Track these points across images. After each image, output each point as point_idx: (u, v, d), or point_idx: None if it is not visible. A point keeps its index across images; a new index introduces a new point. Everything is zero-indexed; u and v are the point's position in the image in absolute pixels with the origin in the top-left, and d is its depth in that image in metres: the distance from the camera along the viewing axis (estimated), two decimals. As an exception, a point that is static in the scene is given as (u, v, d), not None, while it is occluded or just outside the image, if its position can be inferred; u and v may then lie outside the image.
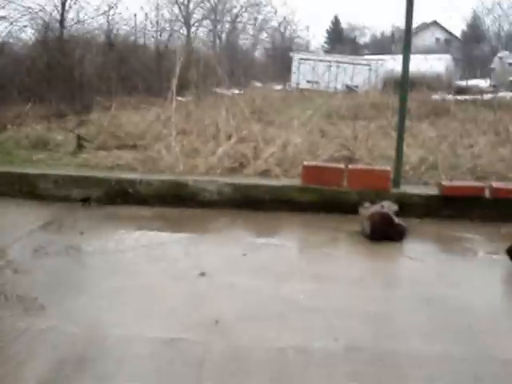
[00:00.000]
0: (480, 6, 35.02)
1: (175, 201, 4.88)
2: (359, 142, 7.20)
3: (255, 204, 4.85)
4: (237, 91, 17.94)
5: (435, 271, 3.59)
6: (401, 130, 5.04)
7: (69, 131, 8.20)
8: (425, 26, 33.41)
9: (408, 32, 5.06)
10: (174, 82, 8.88)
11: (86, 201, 4.92)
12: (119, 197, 4.94)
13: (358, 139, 7.37)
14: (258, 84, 22.83)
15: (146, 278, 3.23)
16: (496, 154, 6.55)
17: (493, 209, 4.71)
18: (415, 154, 6.42)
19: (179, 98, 20.05)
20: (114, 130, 8.38)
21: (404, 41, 5.12)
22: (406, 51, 4.97)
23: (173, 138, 7.35)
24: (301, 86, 23.95)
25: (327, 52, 35.01)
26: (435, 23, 29.85)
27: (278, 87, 23.01)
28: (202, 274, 3.27)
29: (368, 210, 4.32)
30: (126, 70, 16.49)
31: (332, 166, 5.01)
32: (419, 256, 3.79)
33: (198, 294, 3.03)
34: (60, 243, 3.76)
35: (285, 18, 33.66)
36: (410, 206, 4.69)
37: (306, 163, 5.02)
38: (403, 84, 5.10)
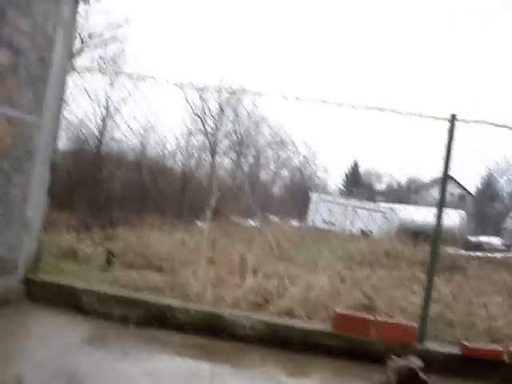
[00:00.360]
0: (495, 165, 36.60)
1: (210, 331, 5.14)
2: (377, 292, 7.48)
3: (285, 343, 5.09)
4: (253, 223, 18.57)
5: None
6: (428, 291, 5.34)
7: (98, 245, 8.61)
8: (439, 181, 34.85)
9: (443, 191, 5.50)
10: (209, 214, 9.48)
11: (125, 320, 5.19)
12: (157, 320, 5.21)
13: (376, 288, 7.66)
14: (275, 218, 23.57)
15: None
16: (510, 317, 6.78)
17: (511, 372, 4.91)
18: (431, 309, 6.67)
19: (199, 224, 20.71)
20: (142, 250, 8.82)
21: (439, 203, 5.49)
22: (440, 209, 5.39)
23: (201, 266, 7.75)
24: (317, 225, 24.69)
25: (343, 194, 36.30)
26: (450, 178, 31.23)
27: (294, 223, 23.67)
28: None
29: (395, 362, 4.55)
30: (153, 190, 17.32)
31: (361, 317, 5.29)
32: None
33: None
34: (108, 361, 4.00)
35: (305, 157, 35.32)
36: (433, 363, 4.88)
37: (337, 311, 5.31)
38: (435, 239, 5.44)
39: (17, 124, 4.89)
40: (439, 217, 5.36)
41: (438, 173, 5.96)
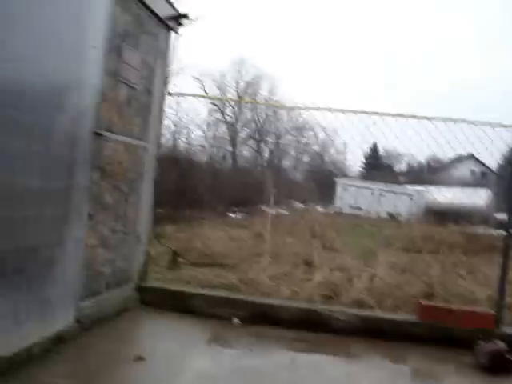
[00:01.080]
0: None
1: (308, 325, 5.73)
2: (432, 279, 7.87)
3: (377, 333, 5.67)
4: (281, 211, 19.04)
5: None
6: (503, 278, 5.87)
7: (160, 245, 9.05)
8: (461, 159, 35.13)
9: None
10: (270, 209, 10.04)
11: (230, 320, 5.80)
12: (260, 318, 5.81)
13: (431, 276, 8.04)
14: (300, 205, 24.04)
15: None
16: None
17: None
18: (482, 292, 7.07)
19: (231, 215, 21.21)
20: (202, 248, 9.37)
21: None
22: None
23: (266, 261, 8.34)
24: (344, 211, 25.23)
25: (364, 177, 36.72)
26: (472, 156, 31.47)
27: (321, 209, 24.05)
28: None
29: (483, 346, 5.13)
30: (190, 185, 17.71)
31: (444, 306, 5.87)
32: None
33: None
34: (241, 357, 4.61)
35: (324, 142, 35.73)
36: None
37: (422, 302, 5.89)
38: (509, 230, 5.90)
39: (131, 149, 5.49)
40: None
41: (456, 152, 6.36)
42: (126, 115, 5.28)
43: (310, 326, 5.74)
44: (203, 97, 22.03)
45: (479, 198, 24.98)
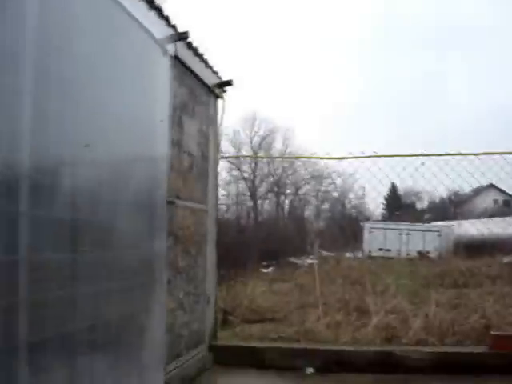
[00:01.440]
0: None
1: (384, 368, 5.81)
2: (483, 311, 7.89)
3: (451, 367, 5.73)
4: (310, 260, 19.08)
5: None
6: None
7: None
8: (481, 190, 35.13)
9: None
10: (315, 258, 10.18)
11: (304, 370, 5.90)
12: (334, 365, 5.90)
13: (480, 308, 8.06)
14: (326, 252, 24.01)
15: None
16: None
17: None
18: None
19: (263, 270, 21.30)
20: (249, 304, 9.47)
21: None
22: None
23: (319, 311, 8.42)
24: (372, 254, 25.16)
25: (388, 219, 36.68)
26: (492, 186, 31.53)
27: (348, 255, 23.94)
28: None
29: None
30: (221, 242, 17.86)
31: (513, 335, 5.95)
32: None
33: None
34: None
35: (343, 188, 35.98)
36: None
37: (494, 333, 5.97)
38: None
39: (196, 213, 5.76)
40: None
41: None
42: (189, 181, 5.58)
43: (386, 368, 5.81)
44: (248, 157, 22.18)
45: (509, 225, 24.80)
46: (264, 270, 19.68)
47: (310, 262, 19.35)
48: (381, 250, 26.59)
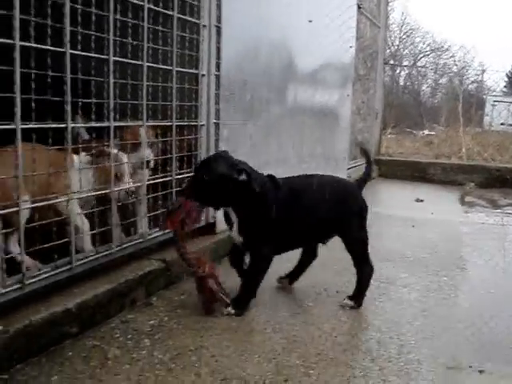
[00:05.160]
0: None
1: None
2: None
3: None
4: (426, 132, 18.67)
5: None
6: None
7: None
8: None
9: None
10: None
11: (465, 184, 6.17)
12: (498, 182, 6.12)
13: None
14: (442, 128, 23.28)
15: None
16: None
17: None
18: None
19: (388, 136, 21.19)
20: None
21: None
22: None
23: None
24: (494, 129, 24.11)
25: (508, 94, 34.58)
26: None
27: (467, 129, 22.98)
28: None
29: None
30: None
31: None
32: None
33: None
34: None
35: (464, 62, 33.98)
36: None
37: None
38: None
39: (371, 28, 5.91)
40: None
41: None
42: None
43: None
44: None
45: None
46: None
47: (427, 133, 19.10)
48: (503, 124, 25.43)
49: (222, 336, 1.92)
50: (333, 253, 2.41)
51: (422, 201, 4.99)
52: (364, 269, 2.24)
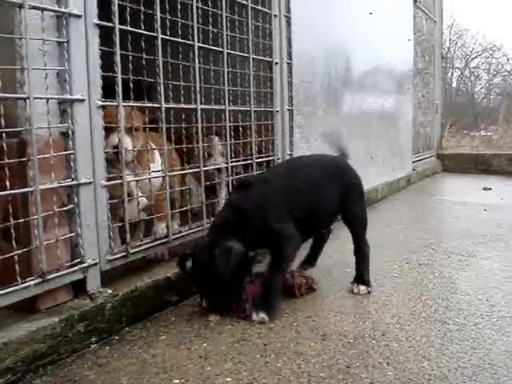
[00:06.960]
0: None
1: None
2: None
3: None
4: (483, 133, 18.19)
5: None
6: None
7: None
8: None
9: None
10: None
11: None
12: None
13: None
14: (496, 127, 22.62)
15: None
16: None
17: None
18: None
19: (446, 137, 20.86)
20: None
21: None
22: None
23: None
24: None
25: None
26: None
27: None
28: None
29: None
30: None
31: None
32: None
33: None
34: None
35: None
36: None
37: None
38: None
39: (427, 22, 5.89)
40: None
41: None
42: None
43: None
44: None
45: None
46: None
47: (483, 134, 18.63)
48: None
49: (315, 301, 1.99)
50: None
51: (489, 189, 4.96)
52: (364, 247, 2.14)
